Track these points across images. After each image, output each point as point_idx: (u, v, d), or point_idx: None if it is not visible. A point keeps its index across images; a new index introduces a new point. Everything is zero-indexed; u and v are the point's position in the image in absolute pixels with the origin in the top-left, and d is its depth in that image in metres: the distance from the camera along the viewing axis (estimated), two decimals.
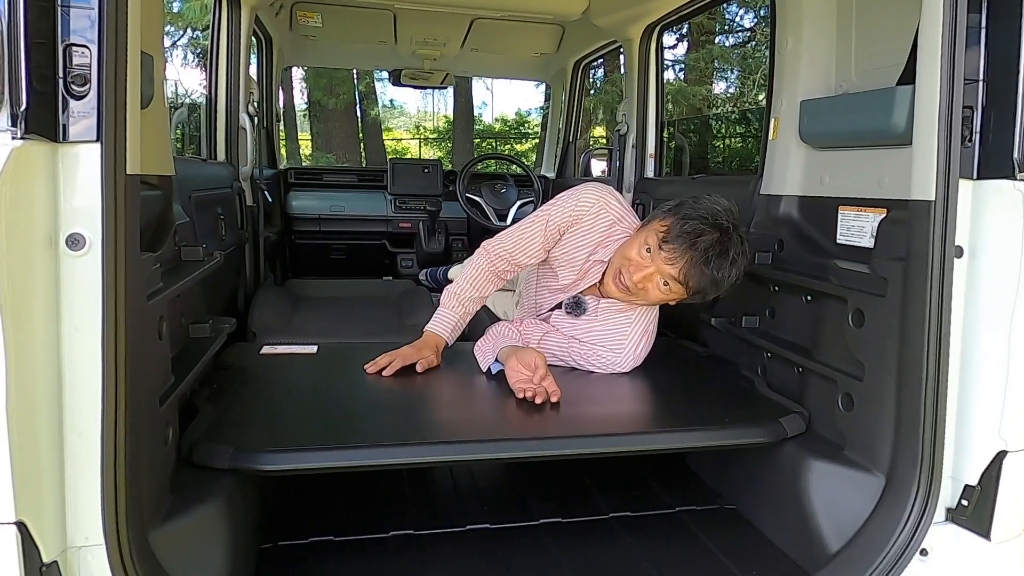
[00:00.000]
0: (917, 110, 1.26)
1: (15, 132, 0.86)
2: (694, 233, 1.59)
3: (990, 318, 1.23)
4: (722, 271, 1.60)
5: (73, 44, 0.90)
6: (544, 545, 1.46)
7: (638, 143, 2.95)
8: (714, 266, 1.59)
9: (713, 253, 1.58)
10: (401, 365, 1.70)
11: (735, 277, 1.64)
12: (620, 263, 1.70)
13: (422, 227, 3.70)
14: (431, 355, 1.74)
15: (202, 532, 1.16)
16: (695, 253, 1.59)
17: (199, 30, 9.01)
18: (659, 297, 1.69)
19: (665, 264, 1.62)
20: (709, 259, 1.58)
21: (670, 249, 1.61)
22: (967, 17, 1.18)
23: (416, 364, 1.71)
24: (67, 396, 0.93)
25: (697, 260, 1.59)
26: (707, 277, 1.60)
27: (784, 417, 1.51)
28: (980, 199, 1.22)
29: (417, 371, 1.71)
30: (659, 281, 1.65)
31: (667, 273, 1.63)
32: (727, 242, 1.60)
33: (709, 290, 1.64)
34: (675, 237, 1.60)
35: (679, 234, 1.60)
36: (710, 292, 1.65)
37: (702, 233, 1.58)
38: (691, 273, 1.60)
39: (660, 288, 1.66)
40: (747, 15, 10.10)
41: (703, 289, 1.63)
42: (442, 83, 4.28)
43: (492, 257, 1.83)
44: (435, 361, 1.74)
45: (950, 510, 1.29)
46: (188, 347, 1.47)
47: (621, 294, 1.72)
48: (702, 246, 1.58)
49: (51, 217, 0.91)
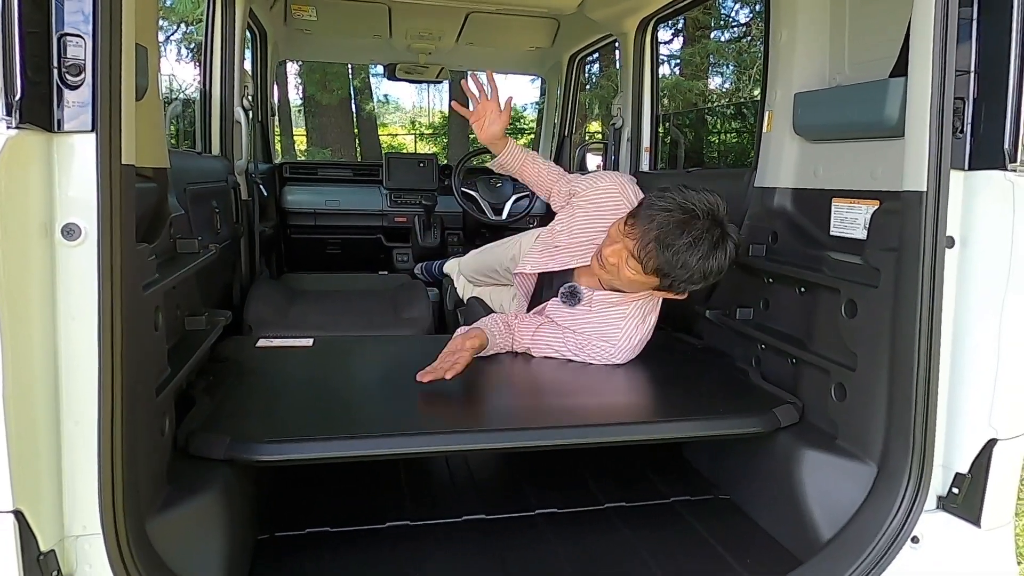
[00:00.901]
0: (909, 101, 1.27)
1: (10, 122, 0.86)
2: (658, 210, 1.58)
3: (981, 308, 1.24)
4: (679, 254, 1.57)
5: (67, 34, 0.90)
6: (541, 535, 1.47)
7: (633, 137, 2.96)
8: (667, 244, 1.56)
9: (668, 231, 1.56)
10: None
11: (703, 264, 1.59)
12: (603, 240, 1.72)
13: (418, 221, 3.70)
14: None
15: (199, 522, 1.17)
16: (650, 227, 1.58)
17: (191, 24, 8.97)
18: (628, 276, 1.66)
19: (628, 238, 1.63)
20: (663, 236, 1.56)
21: (631, 223, 1.62)
22: (959, 9, 1.19)
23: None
24: (64, 385, 0.93)
25: (651, 237, 1.57)
26: (663, 258, 1.58)
27: (778, 407, 1.52)
28: (971, 190, 1.23)
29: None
30: (625, 257, 1.64)
31: (629, 248, 1.62)
32: (687, 224, 1.57)
33: (669, 271, 1.60)
34: (636, 214, 1.62)
35: (641, 214, 1.61)
36: (674, 274, 1.61)
37: (666, 211, 1.58)
38: (647, 249, 1.59)
39: (627, 265, 1.65)
40: (742, 10, 10.11)
41: (661, 268, 1.60)
42: (437, 77, 4.27)
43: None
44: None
45: (941, 498, 1.31)
46: (184, 339, 1.48)
47: (601, 272, 1.73)
48: (659, 222, 1.57)
49: (46, 207, 0.91)
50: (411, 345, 2.08)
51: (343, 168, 4.13)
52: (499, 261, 2.35)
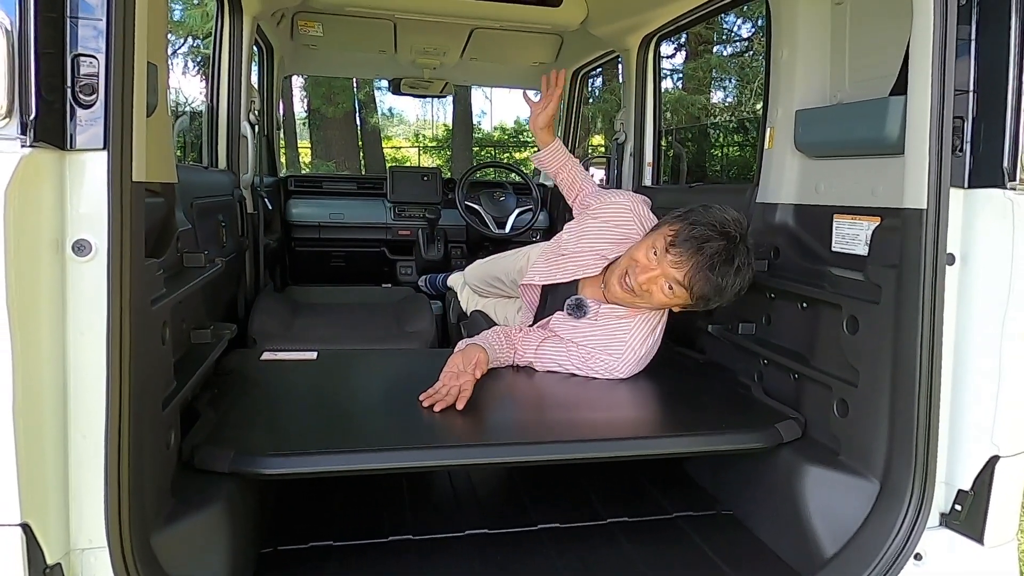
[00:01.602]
0: (909, 120, 1.28)
1: (24, 140, 0.88)
2: (701, 238, 1.60)
3: (982, 324, 1.25)
4: (726, 278, 1.61)
5: (81, 54, 0.92)
6: (542, 550, 1.47)
7: (636, 152, 2.98)
8: (719, 272, 1.60)
9: (719, 260, 1.60)
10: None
11: (739, 287, 1.64)
12: (627, 265, 1.72)
13: (421, 235, 3.71)
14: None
15: (203, 536, 1.17)
16: (701, 258, 1.60)
17: (200, 38, 9.06)
18: (662, 300, 1.70)
19: (671, 267, 1.64)
20: (714, 265, 1.59)
21: (676, 253, 1.63)
22: (957, 29, 1.21)
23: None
24: (72, 399, 0.94)
25: (703, 265, 1.60)
26: (711, 283, 1.61)
27: (780, 423, 1.52)
28: (971, 207, 1.24)
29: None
30: (664, 284, 1.66)
31: (672, 277, 1.64)
32: (733, 250, 1.61)
33: (713, 297, 1.65)
34: (682, 241, 1.62)
35: (687, 238, 1.61)
36: (713, 299, 1.66)
37: (709, 239, 1.60)
38: (696, 278, 1.62)
39: (664, 291, 1.67)
40: (744, 24, 10.18)
41: (706, 295, 1.64)
42: (441, 92, 4.31)
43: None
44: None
45: (944, 515, 1.31)
46: (189, 352, 1.49)
47: (625, 295, 1.74)
48: (708, 251, 1.59)
49: (58, 223, 0.92)
50: (414, 358, 2.09)
51: (347, 181, 4.16)
52: (506, 272, 2.37)
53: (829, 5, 1.75)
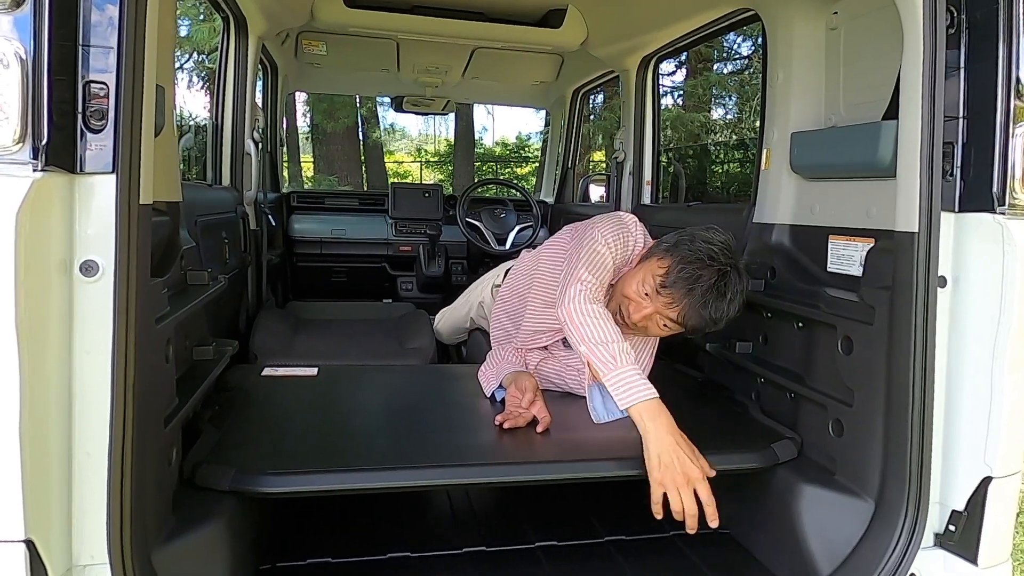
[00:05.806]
0: (901, 145, 1.31)
1: (36, 164, 0.90)
2: (691, 279, 1.58)
3: (974, 346, 1.27)
4: (720, 312, 1.61)
5: (92, 80, 0.95)
6: (540, 568, 1.48)
7: (635, 170, 3.01)
8: (712, 308, 1.60)
9: (711, 297, 1.59)
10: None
11: (734, 313, 1.64)
12: (620, 301, 1.71)
13: (422, 251, 3.74)
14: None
15: (203, 553, 1.18)
16: (693, 299, 1.59)
17: (205, 53, 9.14)
18: (659, 333, 1.72)
19: (664, 308, 1.63)
20: (708, 303, 1.59)
21: (668, 294, 1.61)
22: (947, 56, 1.24)
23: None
24: (77, 417, 0.96)
25: (695, 304, 1.59)
26: (704, 319, 1.61)
27: (776, 443, 1.53)
28: (962, 231, 1.27)
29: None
30: (659, 320, 1.66)
31: (666, 316, 1.64)
32: (724, 283, 1.60)
33: (708, 327, 1.66)
34: (673, 282, 1.60)
35: (676, 279, 1.59)
36: (709, 328, 1.66)
37: (699, 277, 1.58)
38: (689, 315, 1.61)
39: (660, 327, 1.68)
40: (744, 43, 10.28)
41: (701, 328, 1.65)
42: (443, 110, 4.35)
43: (595, 296, 1.66)
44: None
45: (938, 535, 1.32)
46: (192, 369, 1.50)
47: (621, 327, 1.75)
48: (700, 291, 1.58)
49: (66, 245, 0.95)
50: (414, 375, 2.10)
51: (349, 197, 4.19)
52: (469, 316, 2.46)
53: (824, 30, 1.78)
